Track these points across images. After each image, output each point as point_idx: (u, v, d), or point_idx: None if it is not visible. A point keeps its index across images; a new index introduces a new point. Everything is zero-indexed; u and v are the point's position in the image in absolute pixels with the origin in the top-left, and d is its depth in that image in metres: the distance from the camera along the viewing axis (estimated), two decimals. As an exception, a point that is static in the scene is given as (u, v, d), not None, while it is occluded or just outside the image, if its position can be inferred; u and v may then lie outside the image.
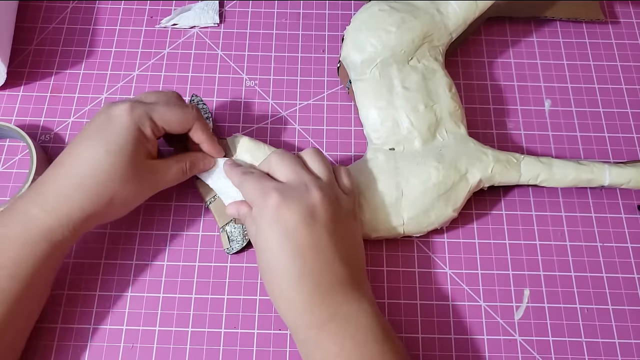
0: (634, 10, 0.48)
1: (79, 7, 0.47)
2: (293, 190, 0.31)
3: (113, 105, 0.33)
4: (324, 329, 0.30)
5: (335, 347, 0.30)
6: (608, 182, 0.37)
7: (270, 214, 0.30)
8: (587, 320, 0.37)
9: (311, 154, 0.35)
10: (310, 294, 0.30)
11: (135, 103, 0.33)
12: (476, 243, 0.39)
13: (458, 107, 0.39)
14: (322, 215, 0.31)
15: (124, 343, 0.35)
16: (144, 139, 0.33)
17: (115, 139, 0.32)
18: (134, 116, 0.32)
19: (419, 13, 0.39)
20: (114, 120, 0.32)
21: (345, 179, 0.35)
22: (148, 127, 0.33)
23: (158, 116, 0.33)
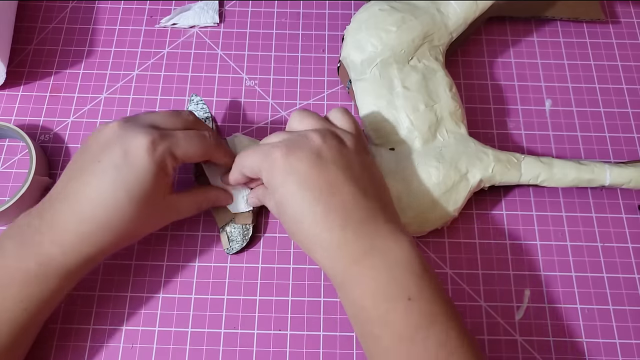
0: (634, 10, 0.48)
1: (79, 6, 0.47)
2: (291, 141, 0.31)
3: (131, 135, 0.30)
4: (360, 265, 0.29)
5: (372, 282, 0.29)
6: (609, 182, 0.37)
7: (280, 169, 0.30)
8: (588, 320, 0.37)
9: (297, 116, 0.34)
10: (341, 231, 0.29)
11: (156, 138, 0.31)
12: (477, 243, 0.39)
13: (458, 107, 0.39)
14: (328, 155, 0.30)
15: (124, 343, 0.35)
16: (164, 177, 0.31)
17: (136, 183, 0.30)
18: (156, 156, 0.30)
19: (419, 13, 0.39)
20: (135, 161, 0.30)
21: (342, 120, 0.34)
22: (169, 165, 0.31)
23: (180, 152, 0.32)
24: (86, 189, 0.30)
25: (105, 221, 0.30)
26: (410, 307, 0.28)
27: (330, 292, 0.37)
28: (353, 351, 0.36)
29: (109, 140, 0.31)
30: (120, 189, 0.30)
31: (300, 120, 0.33)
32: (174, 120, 0.33)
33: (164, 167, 0.31)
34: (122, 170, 0.30)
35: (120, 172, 0.30)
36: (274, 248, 0.38)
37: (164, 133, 0.32)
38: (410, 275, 0.29)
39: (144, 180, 0.30)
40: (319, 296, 0.37)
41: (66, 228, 0.30)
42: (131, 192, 0.30)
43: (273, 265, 0.38)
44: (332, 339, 0.36)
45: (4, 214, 0.37)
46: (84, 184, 0.30)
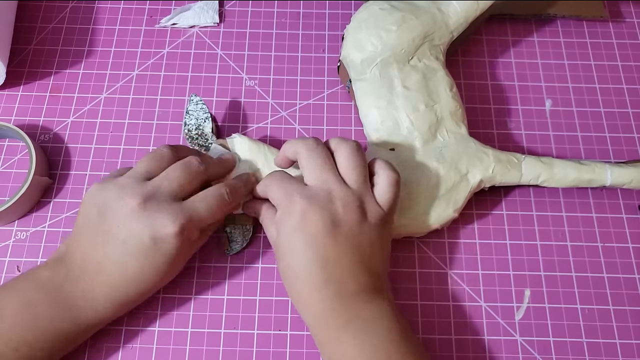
0: (634, 9, 0.48)
1: (79, 6, 0.47)
2: (317, 198, 0.30)
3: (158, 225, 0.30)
4: (343, 331, 0.30)
5: (354, 348, 0.29)
6: (609, 182, 0.37)
7: (295, 221, 0.30)
8: (588, 320, 0.37)
9: (347, 156, 0.32)
10: (331, 301, 0.30)
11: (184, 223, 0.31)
12: (477, 243, 0.39)
13: (459, 106, 0.39)
14: (345, 227, 0.30)
15: (123, 343, 0.35)
16: (189, 246, 0.33)
17: (166, 264, 0.31)
18: (185, 237, 0.31)
19: (419, 12, 0.39)
20: (164, 246, 0.31)
21: (384, 192, 0.32)
22: (195, 236, 0.32)
23: (203, 226, 0.33)
24: (113, 264, 0.31)
25: (132, 291, 0.32)
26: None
27: (330, 292, 0.37)
28: (353, 351, 0.36)
29: (131, 221, 0.30)
30: (148, 269, 0.31)
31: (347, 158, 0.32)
32: (190, 179, 0.33)
33: (190, 240, 0.32)
34: (150, 254, 0.31)
35: (148, 255, 0.31)
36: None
37: (188, 214, 0.31)
38: (391, 343, 0.30)
39: (172, 258, 0.31)
40: (319, 296, 0.37)
41: (97, 295, 0.31)
42: (159, 270, 0.32)
43: (273, 265, 0.38)
44: (332, 339, 0.36)
45: (4, 213, 0.37)
46: (110, 258, 0.31)
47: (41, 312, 0.30)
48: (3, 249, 0.38)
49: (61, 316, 0.31)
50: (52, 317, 0.30)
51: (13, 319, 0.30)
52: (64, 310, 0.31)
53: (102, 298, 0.31)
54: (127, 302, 0.32)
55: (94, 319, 0.32)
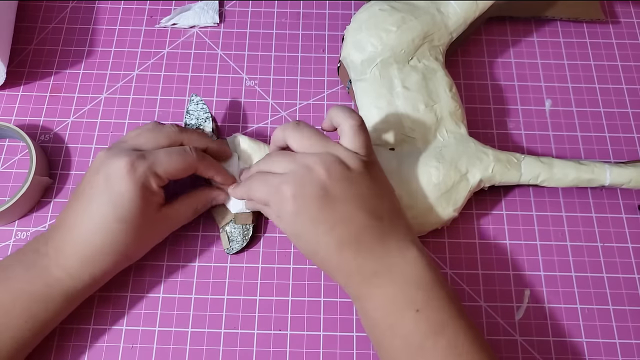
0: (634, 10, 0.48)
1: (79, 6, 0.47)
2: (298, 177, 0.31)
3: (110, 160, 0.31)
4: (371, 284, 0.31)
5: (381, 297, 0.31)
6: (609, 182, 0.37)
7: (290, 208, 0.31)
8: (588, 320, 0.37)
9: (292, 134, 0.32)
10: (354, 259, 0.31)
11: (135, 158, 0.31)
12: (477, 243, 0.39)
13: (458, 107, 0.39)
14: (336, 189, 0.31)
15: (124, 343, 0.35)
16: (150, 195, 0.32)
17: (122, 205, 0.31)
18: (137, 176, 0.31)
19: (419, 13, 0.39)
20: (116, 183, 0.31)
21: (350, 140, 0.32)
22: (153, 183, 0.32)
23: (161, 170, 0.32)
24: (82, 216, 0.32)
25: (101, 245, 0.31)
26: (418, 317, 0.30)
27: (330, 292, 0.37)
28: (353, 351, 0.36)
29: (95, 168, 0.32)
30: (109, 214, 0.31)
31: (300, 141, 0.32)
32: (157, 138, 0.34)
33: (148, 186, 0.32)
34: (107, 195, 0.31)
35: (105, 197, 0.31)
36: (274, 248, 0.38)
37: (143, 153, 0.32)
38: (417, 288, 0.30)
39: (129, 201, 0.31)
40: (319, 296, 0.37)
41: (69, 253, 0.31)
42: (119, 214, 0.31)
43: (273, 265, 0.38)
44: (332, 339, 0.36)
45: (4, 214, 0.37)
46: (78, 212, 0.32)
47: (15, 277, 0.31)
48: (3, 249, 0.38)
49: (34, 280, 0.31)
50: (25, 280, 0.31)
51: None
52: (37, 272, 0.31)
53: (74, 256, 0.31)
54: (98, 263, 0.32)
55: (68, 282, 0.31)
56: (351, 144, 0.32)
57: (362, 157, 0.32)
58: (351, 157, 0.32)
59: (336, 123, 0.33)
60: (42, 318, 0.31)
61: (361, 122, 0.32)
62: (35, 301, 0.31)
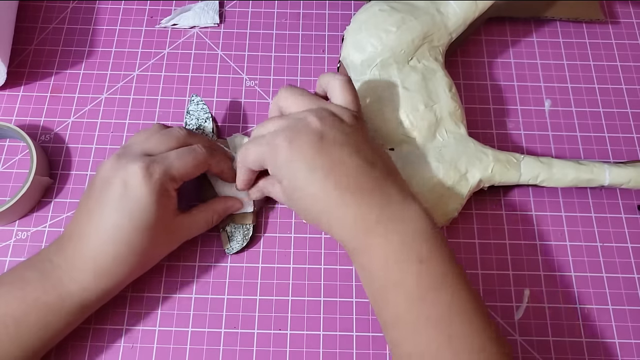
0: (634, 10, 0.48)
1: (79, 7, 0.47)
2: (291, 127, 0.31)
3: (123, 169, 0.31)
4: (373, 234, 0.30)
5: (384, 249, 0.30)
6: (608, 182, 0.37)
7: (286, 157, 0.30)
8: (587, 320, 0.37)
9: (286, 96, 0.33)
10: (355, 204, 0.30)
11: (149, 163, 0.31)
12: (476, 243, 0.39)
13: (458, 107, 0.39)
14: (330, 135, 0.30)
15: (124, 343, 0.35)
16: (167, 201, 0.32)
17: (140, 214, 0.30)
18: (154, 181, 0.31)
19: (419, 13, 0.39)
20: (133, 190, 0.30)
21: (339, 95, 0.33)
22: (170, 187, 0.32)
23: (176, 171, 0.32)
24: (95, 227, 0.31)
25: (116, 255, 0.31)
26: (421, 269, 0.29)
27: (330, 292, 0.37)
28: (353, 351, 0.36)
29: (107, 176, 0.31)
30: (124, 223, 0.30)
31: (293, 101, 0.33)
32: (166, 141, 0.33)
33: (165, 191, 0.32)
34: (124, 203, 0.30)
35: (122, 205, 0.30)
36: (274, 248, 0.38)
37: (156, 157, 0.32)
38: (421, 239, 0.30)
39: (147, 208, 0.31)
40: (319, 296, 0.37)
41: (83, 266, 0.31)
42: (136, 222, 0.31)
43: (273, 265, 0.38)
44: (332, 339, 0.36)
45: (4, 214, 0.37)
46: (92, 223, 0.31)
47: (29, 287, 0.30)
48: (4, 249, 0.38)
49: (48, 291, 0.30)
50: (39, 292, 0.30)
51: (5, 297, 0.30)
52: (51, 284, 0.30)
53: (87, 269, 0.31)
54: (111, 274, 0.31)
55: (82, 294, 0.31)
56: (341, 99, 0.33)
57: (352, 111, 0.33)
58: (343, 111, 0.32)
59: (324, 84, 0.34)
60: (54, 328, 0.31)
61: (348, 79, 0.33)
62: (49, 312, 0.31)
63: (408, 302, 0.29)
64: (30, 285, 0.30)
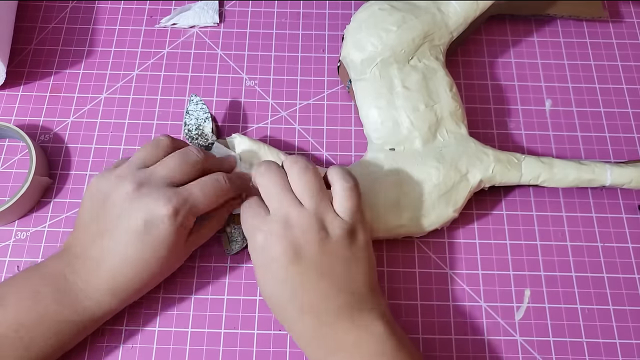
0: (634, 9, 0.48)
1: (79, 6, 0.47)
2: (274, 229, 0.30)
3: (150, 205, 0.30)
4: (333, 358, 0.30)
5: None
6: (609, 182, 0.37)
7: (257, 257, 0.31)
8: (588, 320, 0.37)
9: (298, 176, 0.31)
10: (314, 327, 0.30)
11: (177, 205, 0.31)
12: (477, 243, 0.39)
13: (459, 106, 0.39)
14: (307, 252, 0.30)
15: (124, 343, 0.35)
16: (185, 233, 0.32)
17: (163, 248, 0.31)
18: (178, 221, 0.31)
19: (419, 12, 0.39)
20: (157, 229, 0.31)
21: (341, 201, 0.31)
22: (191, 222, 0.32)
23: (200, 209, 0.32)
24: (112, 252, 0.31)
25: (133, 277, 0.32)
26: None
27: (330, 292, 0.37)
28: (353, 351, 0.36)
29: (127, 206, 0.31)
30: (146, 253, 0.31)
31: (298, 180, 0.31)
32: (187, 168, 0.33)
33: (185, 227, 0.32)
34: (145, 238, 0.31)
35: (144, 240, 0.31)
36: (274, 248, 0.38)
37: (182, 197, 0.31)
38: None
39: (167, 244, 0.31)
40: (319, 296, 0.37)
41: (99, 286, 0.32)
42: (157, 253, 0.31)
43: (273, 265, 0.38)
44: (332, 339, 0.36)
45: (4, 214, 0.37)
46: (109, 248, 0.31)
47: (44, 301, 0.31)
48: (3, 249, 0.38)
49: (64, 306, 0.31)
50: (55, 307, 0.31)
51: (17, 306, 0.30)
52: (67, 300, 0.31)
53: (104, 288, 0.31)
54: (128, 293, 0.32)
55: (97, 310, 0.32)
56: (339, 206, 0.31)
57: (346, 223, 0.31)
58: (334, 224, 0.31)
59: (330, 182, 0.32)
60: (66, 339, 0.32)
61: (353, 185, 0.32)
62: (62, 323, 0.31)
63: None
64: (46, 298, 0.31)
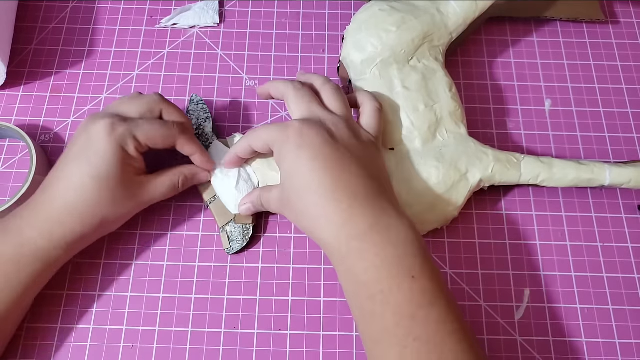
0: (634, 10, 0.48)
1: (79, 7, 0.47)
2: (309, 120, 0.32)
3: (92, 122, 0.33)
4: (365, 240, 0.29)
5: (377, 258, 0.29)
6: (608, 182, 0.37)
7: (294, 140, 0.31)
8: (588, 320, 0.37)
9: (331, 92, 0.35)
10: (349, 204, 0.30)
11: (116, 121, 0.32)
12: (476, 243, 0.39)
13: (458, 107, 0.39)
14: (340, 135, 0.32)
15: (124, 343, 0.35)
16: (127, 158, 0.33)
17: (98, 163, 0.32)
18: (115, 137, 0.32)
19: (419, 13, 0.39)
20: (95, 142, 0.32)
21: (369, 119, 0.35)
22: (131, 146, 0.33)
23: (141, 134, 0.33)
24: (56, 176, 0.33)
25: (73, 202, 0.32)
26: (413, 285, 0.28)
27: (330, 292, 0.37)
28: (353, 351, 0.36)
29: (78, 131, 0.33)
30: (84, 171, 0.32)
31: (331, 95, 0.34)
32: (139, 106, 0.35)
33: (125, 146, 0.32)
34: (86, 153, 0.32)
35: (84, 155, 0.32)
36: (274, 248, 0.38)
37: (124, 117, 0.33)
38: (414, 254, 0.29)
39: (104, 157, 0.32)
40: (319, 296, 0.37)
41: (41, 212, 0.32)
42: (94, 172, 0.32)
43: (273, 265, 0.38)
44: (332, 339, 0.36)
45: (4, 214, 0.37)
46: (56, 172, 0.33)
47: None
48: (3, 248, 0.38)
49: (5, 239, 0.31)
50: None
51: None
52: (8, 233, 0.31)
53: (43, 212, 0.32)
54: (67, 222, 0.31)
55: (38, 240, 0.31)
56: (367, 122, 0.35)
57: (371, 135, 0.34)
58: (363, 133, 0.34)
59: (360, 102, 0.36)
60: (19, 282, 0.31)
61: (380, 107, 0.35)
62: (8, 264, 0.31)
63: (397, 318, 0.28)
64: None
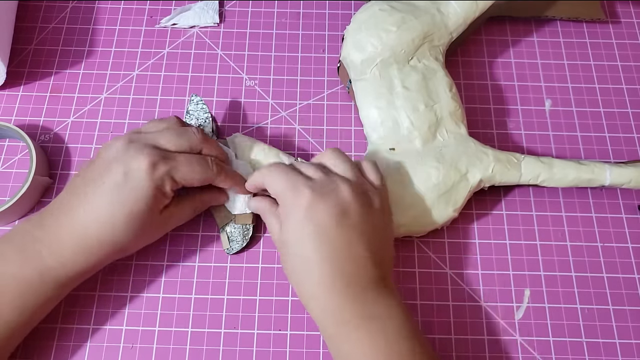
0: (634, 10, 0.48)
1: (79, 6, 0.47)
2: (323, 188, 0.30)
3: (130, 157, 0.31)
4: (357, 328, 0.30)
5: (364, 346, 0.29)
6: (609, 182, 0.37)
7: (302, 213, 0.30)
8: (588, 320, 0.37)
9: (331, 156, 0.33)
10: (341, 295, 0.30)
11: (157, 160, 0.31)
12: (476, 243, 0.39)
13: (458, 107, 0.39)
14: (353, 215, 0.30)
15: (124, 343, 0.35)
16: (162, 197, 0.32)
17: (132, 201, 0.30)
18: (155, 178, 0.31)
19: (419, 13, 0.39)
20: (132, 179, 0.30)
21: (373, 174, 0.34)
22: (168, 186, 0.32)
23: (179, 176, 0.32)
24: (85, 205, 0.31)
25: (98, 237, 0.31)
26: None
27: (330, 292, 0.37)
28: (353, 351, 0.36)
29: (112, 159, 0.31)
30: (117, 208, 0.30)
31: (334, 164, 0.33)
32: (180, 141, 0.33)
33: (162, 189, 0.32)
34: (121, 190, 0.30)
35: (119, 191, 0.30)
36: (274, 248, 0.38)
37: (165, 155, 0.32)
38: (403, 340, 0.30)
39: (141, 200, 0.31)
40: (319, 296, 0.37)
41: (64, 241, 0.31)
42: (127, 210, 0.31)
43: (273, 265, 0.38)
44: (332, 339, 0.36)
45: (4, 214, 0.37)
46: (83, 200, 0.31)
47: (7, 262, 0.30)
48: (3, 248, 0.38)
49: (25, 264, 0.30)
50: (17, 266, 0.30)
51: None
52: (28, 257, 0.30)
53: (66, 240, 0.30)
54: (91, 252, 0.31)
55: (60, 270, 0.31)
56: (373, 178, 0.34)
57: (380, 190, 0.33)
58: (375, 193, 0.32)
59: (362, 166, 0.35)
60: (32, 304, 0.31)
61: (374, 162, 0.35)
62: (26, 288, 0.30)
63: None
64: (9, 260, 0.30)
